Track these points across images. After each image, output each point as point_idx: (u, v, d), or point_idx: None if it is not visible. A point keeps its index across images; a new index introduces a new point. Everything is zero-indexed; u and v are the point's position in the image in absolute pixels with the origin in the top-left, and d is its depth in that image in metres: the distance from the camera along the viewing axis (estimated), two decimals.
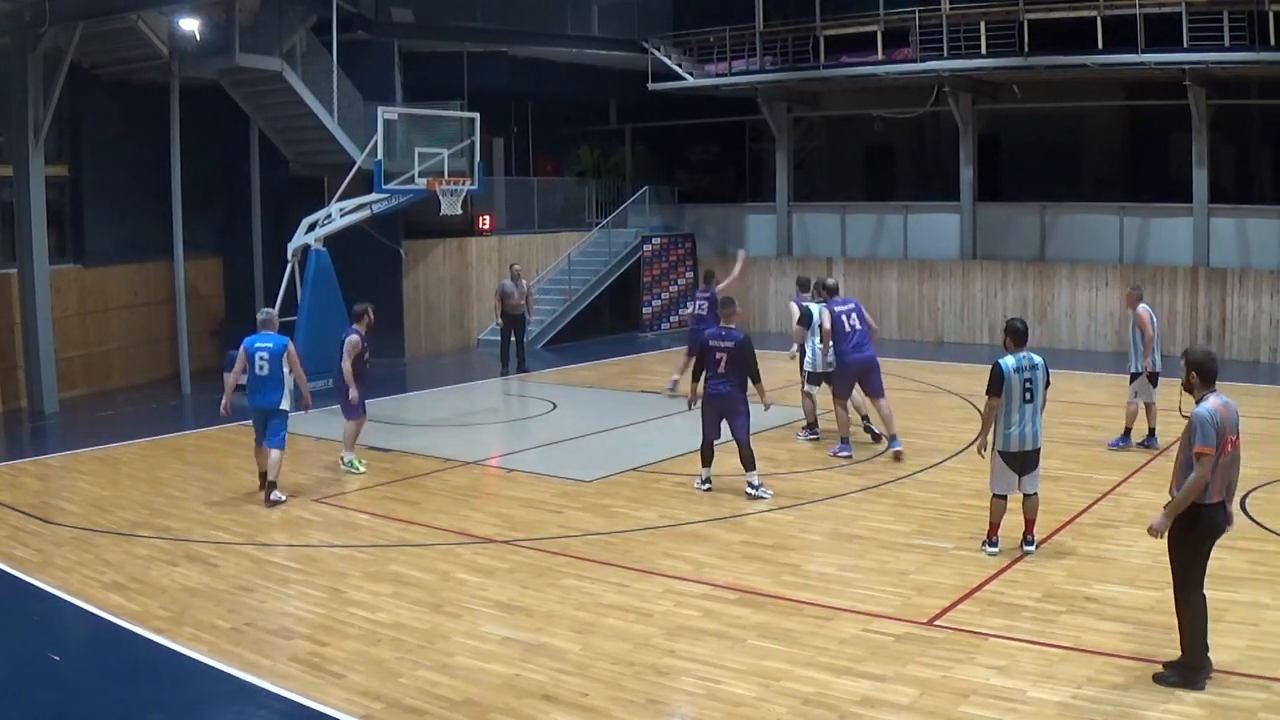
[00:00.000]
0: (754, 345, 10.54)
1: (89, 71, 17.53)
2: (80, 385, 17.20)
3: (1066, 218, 21.11)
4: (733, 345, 10.38)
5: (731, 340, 10.41)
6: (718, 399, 10.47)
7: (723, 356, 10.37)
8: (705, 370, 10.49)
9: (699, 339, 11.17)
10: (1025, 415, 8.35)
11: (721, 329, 10.60)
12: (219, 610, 7.77)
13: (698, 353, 10.68)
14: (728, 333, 10.49)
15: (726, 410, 10.50)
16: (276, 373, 10.55)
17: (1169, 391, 6.33)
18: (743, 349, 10.36)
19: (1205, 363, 6.33)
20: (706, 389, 10.51)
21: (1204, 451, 6.05)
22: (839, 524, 9.62)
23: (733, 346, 10.37)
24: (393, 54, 20.70)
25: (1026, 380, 8.36)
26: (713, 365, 10.42)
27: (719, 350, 10.41)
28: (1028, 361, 8.42)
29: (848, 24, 21.59)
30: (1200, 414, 6.15)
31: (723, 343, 10.42)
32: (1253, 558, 8.24)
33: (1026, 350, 8.52)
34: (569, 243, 23.76)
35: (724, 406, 10.48)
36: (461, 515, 10.14)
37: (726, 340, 10.42)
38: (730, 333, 10.49)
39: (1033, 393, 8.37)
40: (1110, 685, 6.22)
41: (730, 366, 10.34)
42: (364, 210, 16.91)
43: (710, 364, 10.43)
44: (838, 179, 25.85)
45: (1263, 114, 20.36)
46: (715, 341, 10.48)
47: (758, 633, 7.19)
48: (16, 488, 11.48)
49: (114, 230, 18.10)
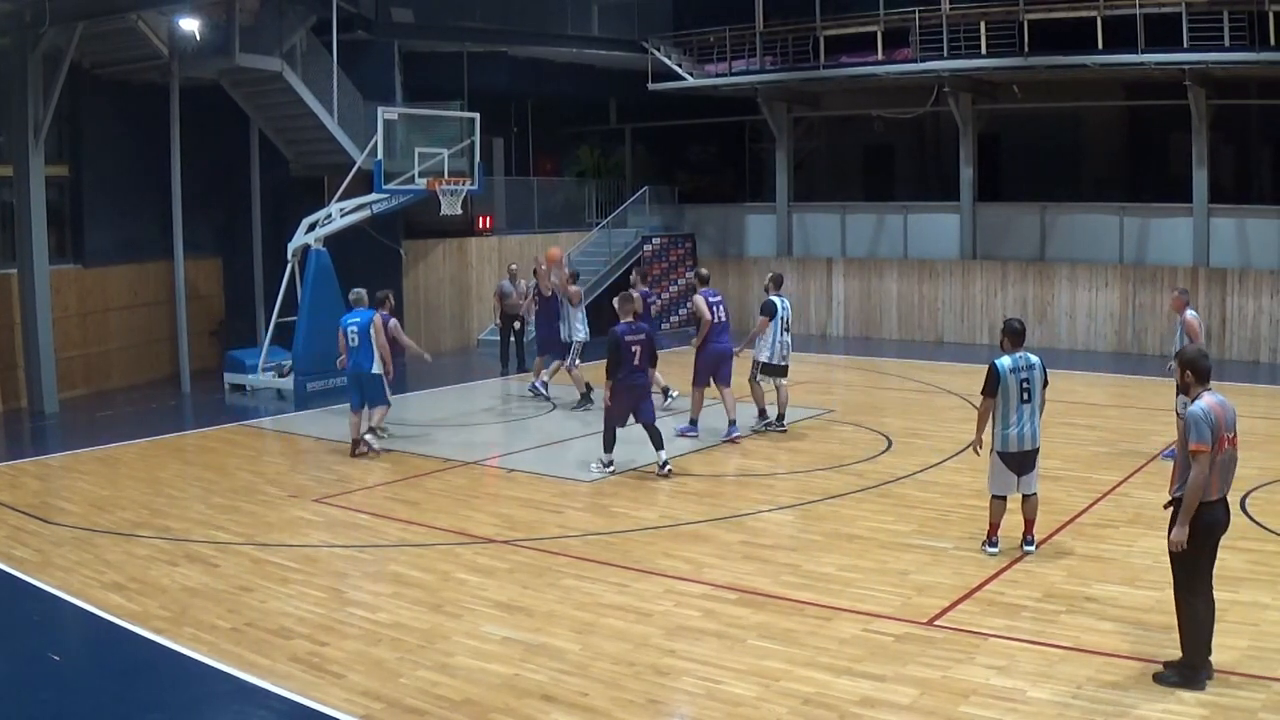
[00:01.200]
0: None
1: (89, 71, 17.52)
2: (80, 385, 17.20)
3: (1066, 218, 21.12)
4: (644, 337, 11.17)
5: (641, 333, 11.18)
6: (637, 389, 11.20)
7: (638, 349, 11.07)
8: (622, 365, 11.03)
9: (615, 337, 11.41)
10: (1023, 415, 8.34)
11: (629, 324, 11.20)
12: (219, 610, 7.77)
13: (612, 350, 11.08)
14: (635, 326, 11.20)
15: (640, 398, 11.23)
16: (365, 343, 12.42)
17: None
18: (651, 340, 11.29)
19: (1199, 361, 6.36)
20: (626, 381, 11.08)
21: (1199, 449, 6.05)
22: (839, 524, 9.62)
23: (644, 338, 11.16)
24: (393, 54, 20.71)
25: (1024, 380, 8.34)
26: (629, 358, 11.04)
27: (635, 344, 11.08)
28: (1025, 361, 8.40)
29: (848, 24, 21.60)
30: (1194, 412, 6.15)
31: (635, 336, 11.12)
32: (1253, 558, 8.24)
33: (1024, 350, 8.50)
34: (569, 243, 23.72)
35: (639, 395, 11.22)
36: (461, 515, 10.14)
37: (637, 334, 11.14)
38: (637, 325, 11.23)
39: (1030, 393, 8.36)
40: (1110, 685, 6.22)
41: (642, 358, 11.11)
42: (364, 210, 16.90)
43: (627, 358, 11.04)
44: (838, 179, 25.86)
45: (1263, 114, 20.37)
46: (630, 336, 11.11)
47: (758, 633, 7.19)
48: (16, 488, 11.48)
49: (114, 230, 18.09)
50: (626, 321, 11.24)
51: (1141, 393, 15.93)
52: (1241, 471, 6.45)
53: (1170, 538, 6.16)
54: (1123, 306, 19.84)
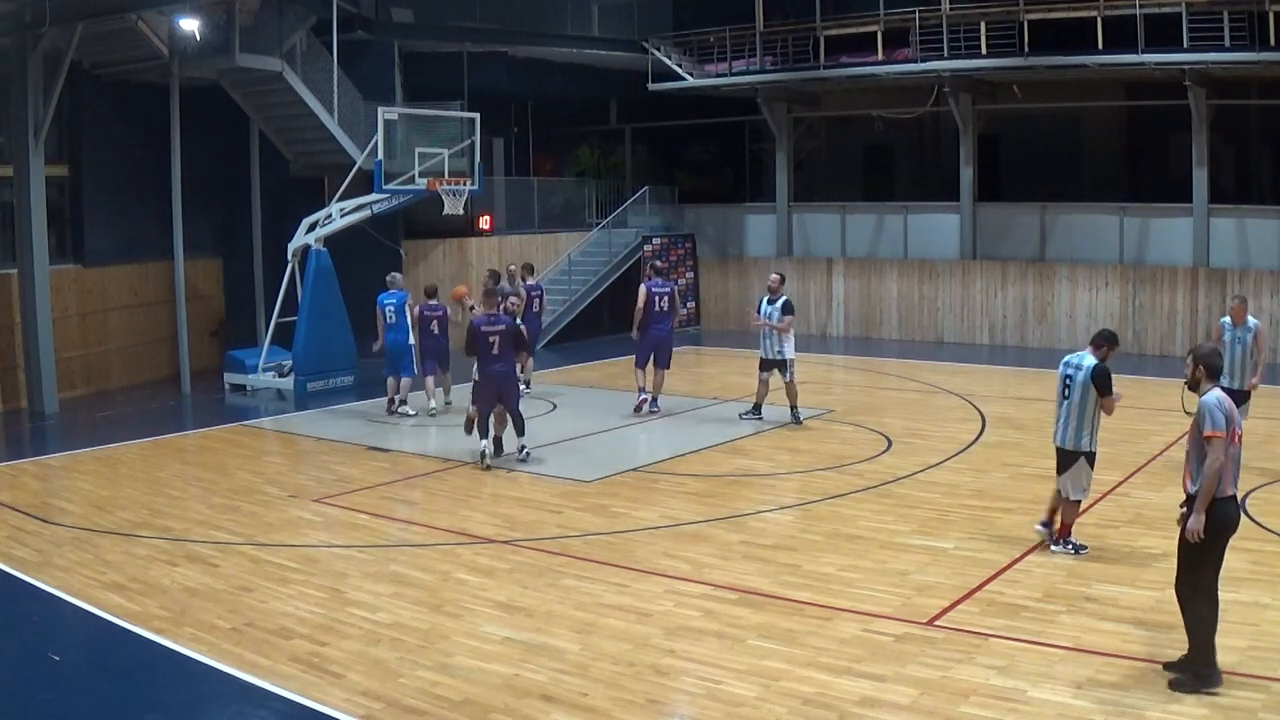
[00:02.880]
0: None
1: (89, 71, 17.53)
2: (80, 385, 17.21)
3: (1066, 218, 21.11)
4: (504, 328, 11.74)
5: (501, 324, 11.77)
6: (497, 377, 11.70)
7: (495, 339, 11.61)
8: (480, 355, 11.63)
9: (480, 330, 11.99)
10: (1060, 413, 8.52)
11: (487, 315, 11.81)
12: (219, 610, 7.77)
13: (469, 341, 11.78)
14: (494, 319, 11.80)
15: (503, 386, 11.77)
16: (402, 319, 14.80)
17: (1188, 394, 6.36)
18: (513, 331, 11.91)
19: (1213, 358, 6.42)
20: (486, 371, 11.67)
21: (1215, 435, 6.08)
22: (839, 524, 9.62)
23: (504, 329, 11.73)
24: (393, 54, 20.70)
25: (1066, 378, 8.50)
26: (487, 348, 11.59)
27: (491, 334, 11.63)
28: (1076, 361, 8.53)
29: (848, 24, 21.60)
30: (1208, 401, 6.19)
31: (493, 328, 11.67)
32: (1253, 558, 8.24)
33: (1084, 352, 8.58)
34: (569, 243, 23.75)
35: (501, 382, 11.73)
36: (461, 515, 10.14)
37: (496, 325, 11.72)
38: (497, 318, 11.83)
39: (1069, 392, 8.44)
40: (1110, 685, 6.22)
41: (503, 347, 11.64)
42: (364, 210, 16.90)
43: (484, 348, 11.60)
44: (837, 179, 25.84)
45: (1263, 114, 20.35)
46: (487, 327, 11.66)
47: (758, 633, 7.19)
48: (16, 488, 11.48)
49: (114, 230, 18.09)
50: (488, 314, 11.87)
51: (1141, 393, 15.88)
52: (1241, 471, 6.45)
53: (1188, 525, 6.14)
54: (1123, 307, 19.83)
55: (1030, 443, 12.19)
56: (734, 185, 27.19)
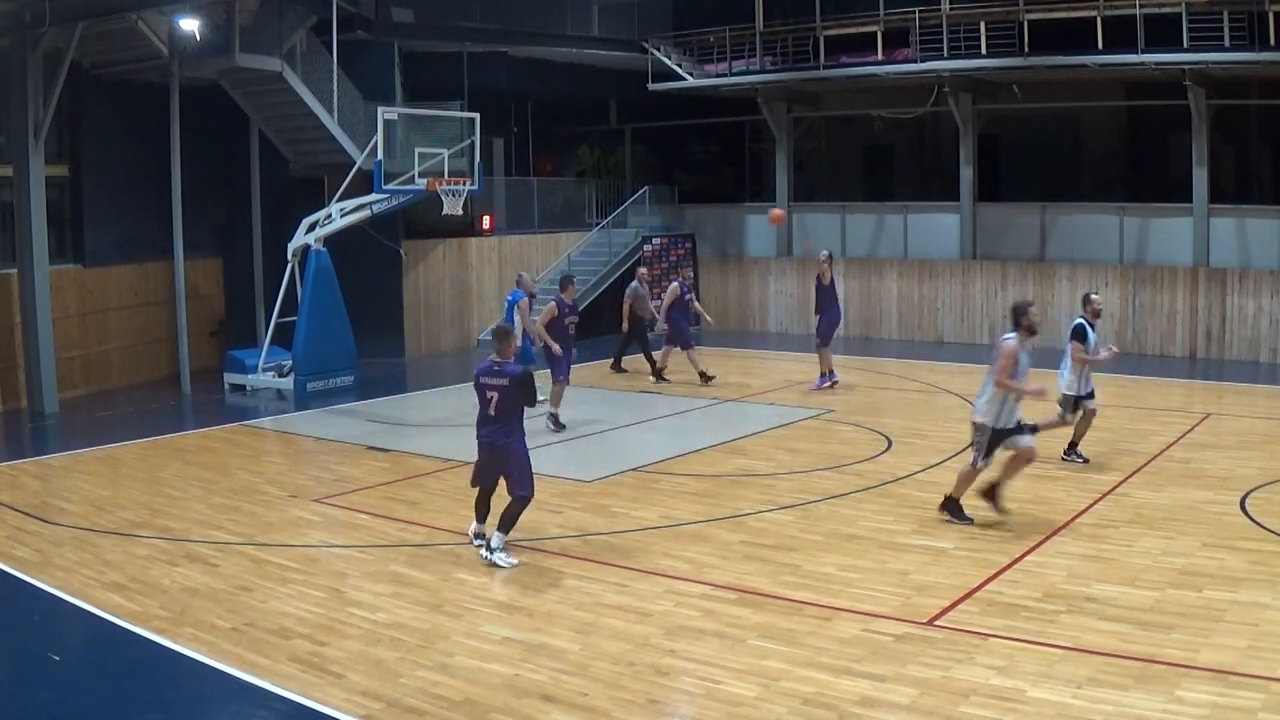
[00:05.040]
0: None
1: (89, 71, 17.52)
2: (80, 385, 17.20)
3: (1066, 218, 21.11)
4: (506, 382, 8.70)
5: (505, 375, 8.73)
6: (486, 449, 8.94)
7: (494, 396, 8.73)
8: (478, 411, 8.90)
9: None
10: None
11: (490, 363, 8.81)
12: (219, 610, 7.77)
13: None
14: (498, 367, 8.76)
15: (502, 462, 8.85)
16: (510, 318, 14.07)
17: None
18: (519, 382, 8.72)
19: None
20: (479, 435, 8.95)
21: None
22: (839, 524, 9.62)
23: (506, 384, 8.69)
24: (393, 54, 20.68)
25: None
26: (484, 404, 8.82)
27: (490, 388, 8.75)
28: None
29: (848, 24, 21.59)
30: None
31: (494, 379, 8.74)
32: (1253, 558, 8.24)
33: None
34: (569, 243, 23.75)
35: (495, 457, 8.87)
36: (461, 515, 10.12)
37: (499, 376, 8.73)
38: (502, 367, 8.77)
39: None
40: (1110, 685, 6.22)
41: (503, 406, 8.73)
42: (364, 210, 16.90)
43: (481, 403, 8.86)
44: (838, 179, 25.84)
45: (1263, 114, 20.35)
46: (486, 378, 8.79)
47: (758, 633, 7.19)
48: (16, 488, 11.48)
49: (114, 230, 18.08)
50: (492, 361, 8.74)
51: (1141, 393, 15.93)
52: (1241, 471, 6.46)
53: None
54: (1123, 306, 19.82)
55: None
56: (734, 185, 27.20)
